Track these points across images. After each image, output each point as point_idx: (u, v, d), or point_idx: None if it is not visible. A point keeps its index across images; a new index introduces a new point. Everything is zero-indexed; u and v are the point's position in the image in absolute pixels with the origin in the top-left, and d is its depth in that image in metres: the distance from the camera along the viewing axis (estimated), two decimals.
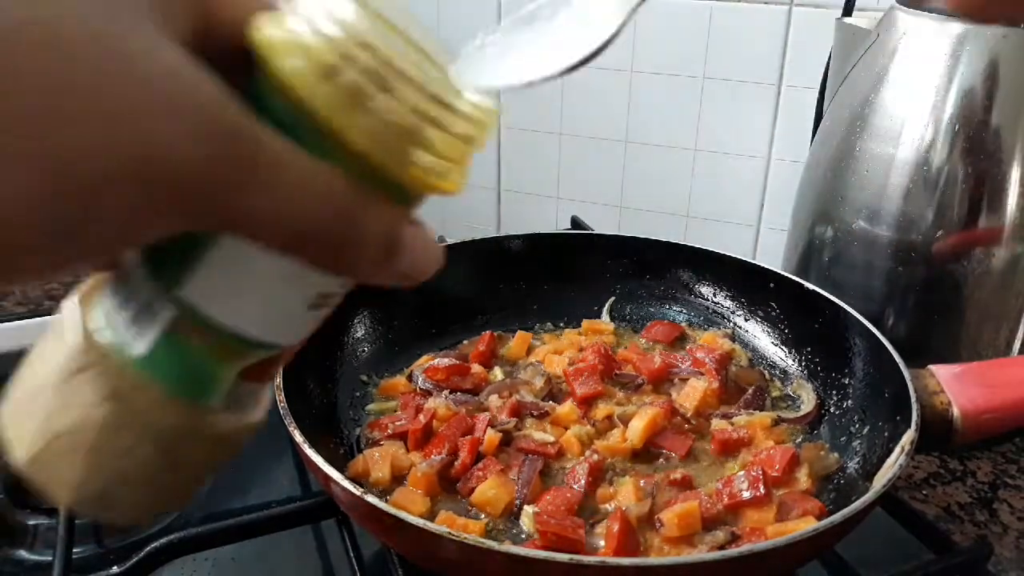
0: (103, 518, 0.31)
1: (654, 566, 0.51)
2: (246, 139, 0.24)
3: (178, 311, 0.28)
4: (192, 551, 0.61)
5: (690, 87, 1.16)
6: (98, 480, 0.29)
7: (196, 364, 0.29)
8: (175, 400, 0.29)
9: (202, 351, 0.29)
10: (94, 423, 0.28)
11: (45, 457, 0.29)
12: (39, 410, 0.29)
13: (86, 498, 0.30)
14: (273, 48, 0.26)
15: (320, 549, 0.66)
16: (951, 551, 0.62)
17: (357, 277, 0.29)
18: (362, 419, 0.74)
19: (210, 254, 0.27)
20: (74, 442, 0.28)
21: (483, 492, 0.63)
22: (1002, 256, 0.79)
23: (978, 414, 0.65)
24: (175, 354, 0.28)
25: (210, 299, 0.28)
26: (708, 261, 0.89)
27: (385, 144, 0.26)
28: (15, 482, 0.70)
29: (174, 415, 0.29)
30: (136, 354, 0.28)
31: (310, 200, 0.25)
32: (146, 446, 0.29)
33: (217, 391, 0.30)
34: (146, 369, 0.28)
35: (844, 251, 0.84)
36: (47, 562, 0.62)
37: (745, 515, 0.63)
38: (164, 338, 0.28)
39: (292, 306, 0.29)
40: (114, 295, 0.29)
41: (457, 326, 0.87)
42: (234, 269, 0.28)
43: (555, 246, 0.93)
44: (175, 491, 0.32)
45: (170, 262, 0.28)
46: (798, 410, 0.77)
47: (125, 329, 0.28)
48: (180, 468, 0.31)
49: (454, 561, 0.52)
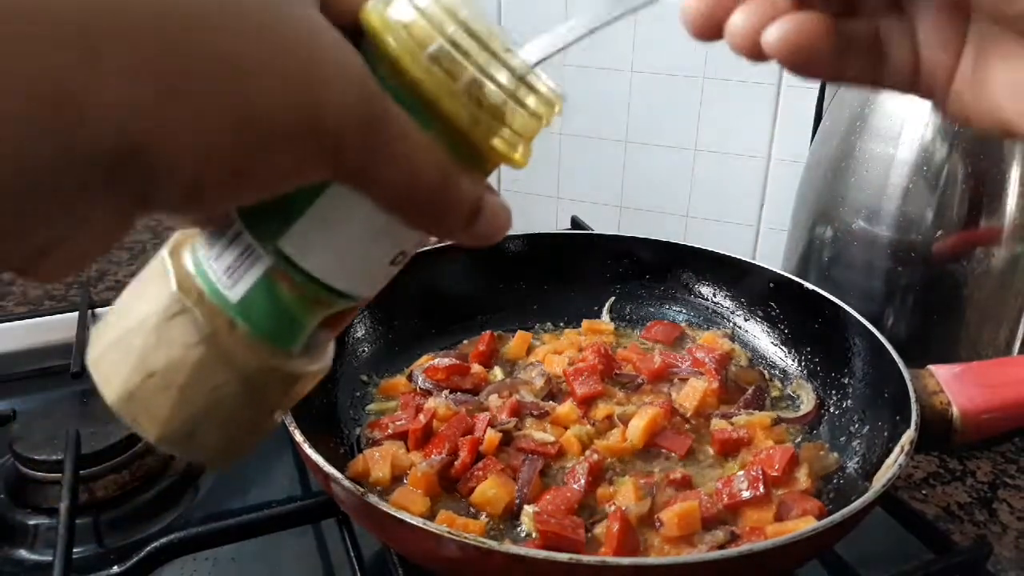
0: (187, 454, 0.33)
1: (654, 566, 0.51)
2: (384, 106, 0.28)
3: (274, 261, 0.31)
4: (192, 551, 0.61)
5: (690, 87, 1.16)
6: (187, 416, 0.32)
7: (286, 311, 0.32)
8: (263, 343, 0.32)
9: (292, 299, 0.31)
10: (188, 362, 0.31)
11: (139, 394, 0.31)
12: (134, 350, 0.31)
13: (174, 434, 0.32)
14: (384, 27, 0.29)
15: (320, 549, 0.66)
16: (951, 551, 0.62)
17: (443, 236, 0.32)
18: (362, 419, 0.74)
19: (312, 210, 0.30)
20: (167, 380, 0.31)
21: (483, 492, 0.63)
22: (1002, 256, 0.79)
23: (978, 414, 0.65)
24: (268, 301, 0.31)
25: (306, 251, 0.31)
26: (708, 261, 0.89)
27: (476, 117, 0.30)
28: (15, 482, 0.70)
29: (261, 357, 0.32)
30: (232, 299, 0.31)
31: (426, 165, 0.29)
32: (233, 385, 0.31)
33: (300, 337, 0.33)
34: (239, 314, 0.31)
35: (844, 251, 0.84)
36: (47, 562, 0.62)
37: (745, 515, 0.63)
38: (259, 286, 0.31)
39: (377, 261, 0.33)
40: (210, 246, 0.32)
41: (457, 326, 0.87)
42: (332, 225, 0.30)
43: (555, 246, 0.93)
44: (252, 431, 0.34)
45: (270, 216, 0.30)
46: (798, 410, 0.77)
47: (221, 276, 0.31)
48: (260, 407, 0.33)
49: (454, 561, 0.52)
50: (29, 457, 0.69)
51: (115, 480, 0.70)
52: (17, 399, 0.84)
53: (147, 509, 0.70)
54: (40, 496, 0.69)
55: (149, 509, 0.70)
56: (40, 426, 0.72)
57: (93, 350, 0.33)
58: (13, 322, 0.93)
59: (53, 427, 0.71)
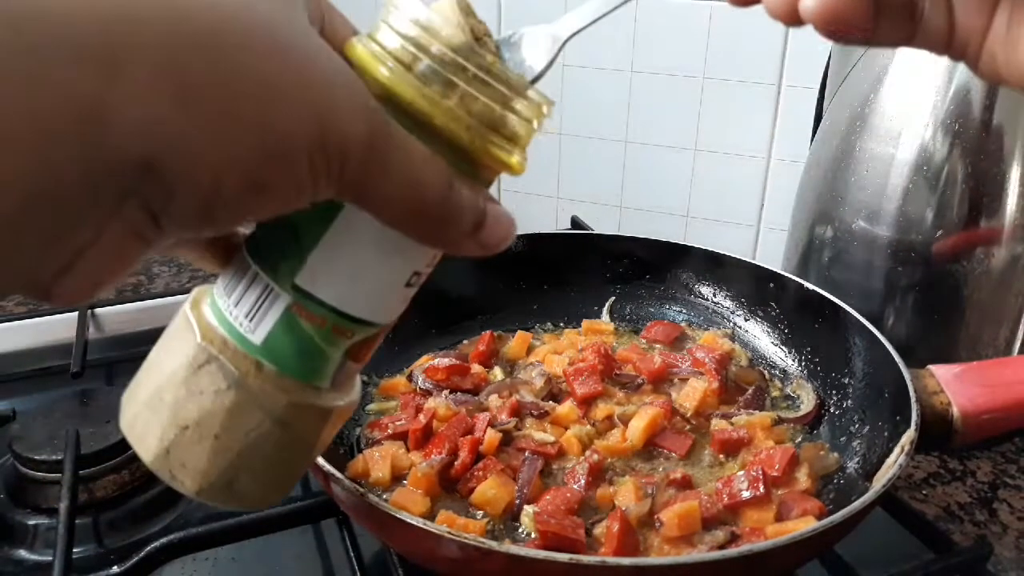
0: (229, 503, 0.34)
1: (654, 566, 0.51)
2: (386, 124, 0.29)
3: (293, 298, 0.32)
4: (192, 551, 0.61)
5: (690, 87, 1.16)
6: (225, 465, 0.32)
7: (309, 346, 0.32)
8: (291, 381, 0.32)
9: (315, 333, 0.32)
10: (220, 409, 0.32)
11: (175, 449, 0.32)
12: (165, 406, 0.32)
13: (214, 484, 0.33)
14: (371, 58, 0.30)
15: (320, 549, 0.66)
16: (951, 551, 0.62)
17: (449, 248, 0.32)
18: (362, 419, 0.74)
19: (323, 242, 0.31)
20: (202, 430, 0.32)
21: (483, 492, 0.63)
22: (1002, 256, 0.79)
23: (978, 414, 0.65)
24: (291, 338, 0.32)
25: (322, 283, 0.32)
26: (708, 261, 0.89)
27: (471, 129, 0.30)
28: (15, 482, 0.70)
29: (290, 394, 0.32)
30: (255, 341, 0.32)
31: (428, 177, 0.30)
32: (267, 426, 0.32)
33: (327, 371, 0.34)
34: (265, 355, 0.32)
35: (844, 251, 0.84)
36: (47, 562, 0.62)
37: (745, 515, 0.63)
38: (280, 324, 0.32)
39: (392, 284, 0.33)
40: (228, 294, 0.33)
41: (457, 326, 0.87)
42: (345, 254, 0.31)
43: (555, 246, 0.93)
44: (291, 471, 0.35)
45: (284, 254, 0.32)
46: (798, 410, 0.77)
47: (243, 321, 0.32)
48: (295, 446, 0.34)
49: (454, 561, 0.52)
50: (29, 457, 0.69)
51: (115, 480, 0.70)
52: (17, 399, 0.84)
53: (147, 509, 0.70)
54: (40, 496, 0.69)
55: (149, 509, 0.70)
56: (40, 426, 0.72)
57: (126, 414, 0.34)
58: (13, 322, 0.93)
59: (53, 427, 0.71)
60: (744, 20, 1.09)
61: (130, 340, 0.93)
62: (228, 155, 0.25)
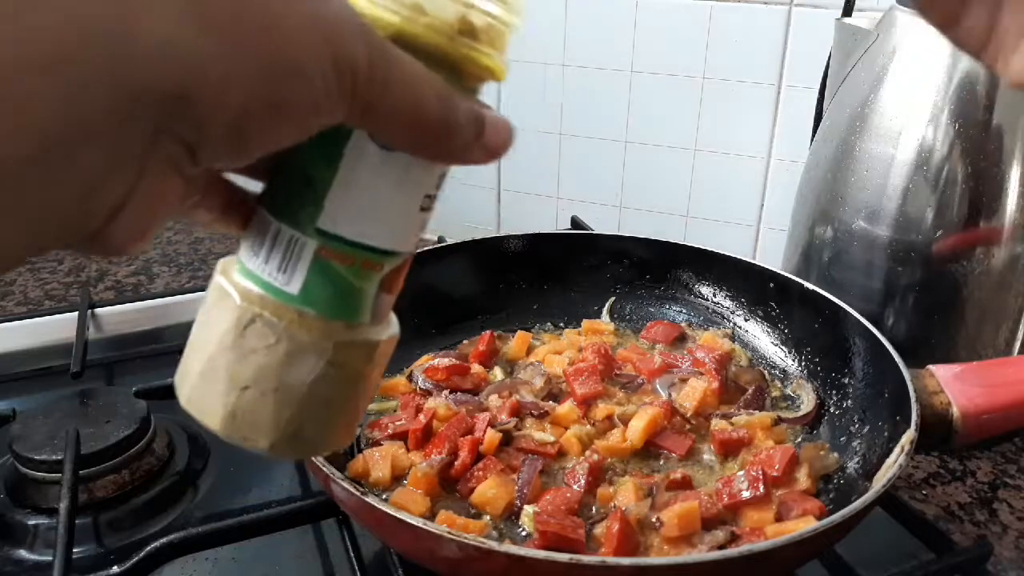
0: (301, 453, 0.35)
1: (654, 566, 0.51)
2: (383, 43, 0.30)
3: (319, 242, 0.33)
4: (192, 551, 0.61)
5: (690, 87, 1.16)
6: (290, 415, 0.34)
7: (344, 285, 0.34)
8: (334, 322, 0.34)
9: (347, 272, 0.34)
10: (274, 362, 0.33)
11: (239, 411, 0.33)
12: (220, 372, 0.33)
13: (284, 436, 0.34)
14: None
15: (320, 549, 0.66)
16: (951, 551, 0.62)
17: (458, 158, 0.34)
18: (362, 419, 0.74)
19: (336, 182, 0.32)
20: (261, 387, 0.33)
21: (483, 492, 0.63)
22: (1002, 256, 0.79)
23: (978, 414, 0.65)
24: (326, 281, 0.33)
25: (344, 222, 0.33)
26: (708, 261, 0.89)
27: (453, 40, 0.32)
28: (15, 482, 0.70)
29: (337, 335, 0.34)
30: (293, 292, 0.33)
31: (426, 89, 0.31)
32: (321, 368, 0.34)
33: (365, 307, 0.35)
34: (304, 302, 0.33)
35: (844, 251, 0.84)
36: (47, 562, 0.62)
37: (745, 515, 0.63)
38: (313, 270, 0.33)
39: (409, 210, 0.35)
40: (255, 254, 0.34)
41: (457, 326, 0.87)
42: (359, 189, 0.33)
43: (555, 246, 0.93)
44: (353, 409, 0.37)
45: (302, 203, 0.33)
46: (798, 410, 0.77)
47: (277, 275, 0.33)
48: (351, 384, 0.36)
49: (454, 561, 0.52)
50: (29, 457, 0.69)
51: (115, 480, 0.70)
52: (17, 399, 0.84)
53: (147, 509, 0.70)
54: (40, 496, 0.69)
55: (149, 509, 0.70)
56: (40, 426, 0.72)
57: (183, 391, 0.35)
58: (13, 322, 0.93)
59: (53, 427, 0.71)
60: (744, 20, 1.09)
61: (130, 340, 0.94)
62: (252, 77, 0.26)
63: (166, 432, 0.76)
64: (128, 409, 0.74)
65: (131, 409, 0.74)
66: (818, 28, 1.01)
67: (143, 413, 0.74)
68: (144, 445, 0.73)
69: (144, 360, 0.92)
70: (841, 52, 0.88)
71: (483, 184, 1.33)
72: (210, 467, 0.75)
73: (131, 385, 0.79)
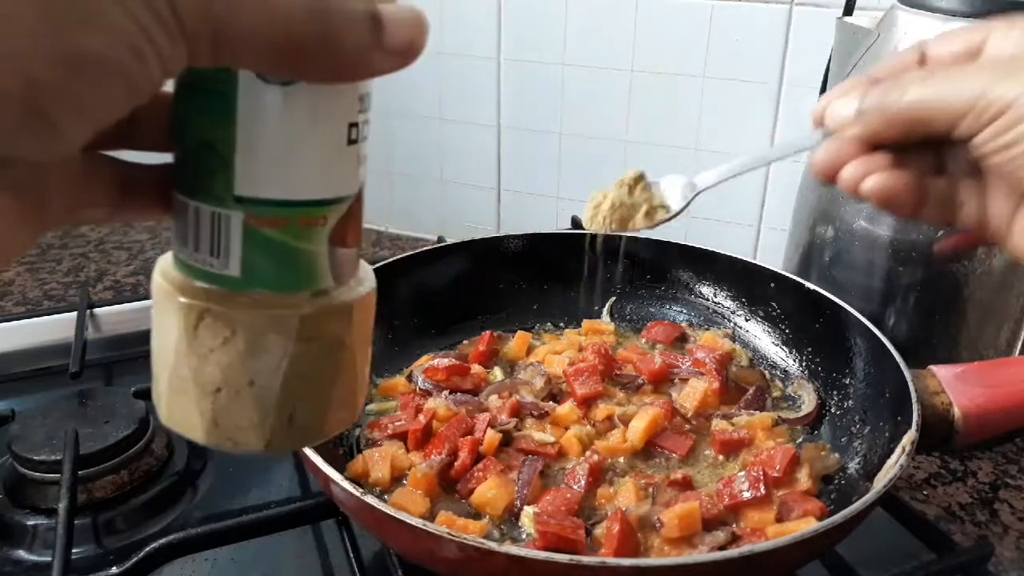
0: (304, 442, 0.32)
1: (654, 566, 0.51)
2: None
3: (243, 212, 0.29)
4: (191, 552, 0.61)
5: (690, 87, 1.15)
6: (274, 407, 0.30)
7: (288, 252, 0.30)
8: (290, 295, 0.30)
9: (284, 236, 0.29)
10: (238, 358, 0.29)
11: (220, 417, 0.30)
12: (187, 381, 0.30)
13: (275, 431, 0.30)
14: None
15: (320, 549, 0.66)
16: (952, 551, 0.62)
17: (359, 71, 0.28)
18: (362, 419, 0.74)
19: (238, 140, 0.28)
20: (233, 387, 0.30)
21: (483, 493, 0.63)
22: (1002, 256, 0.79)
23: (979, 414, 0.65)
24: (264, 254, 0.29)
25: (263, 182, 0.29)
26: (708, 261, 0.89)
27: None
28: (14, 482, 0.70)
29: (297, 308, 0.30)
30: (234, 274, 0.29)
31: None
32: (292, 348, 0.30)
33: (319, 269, 0.31)
34: (249, 283, 0.29)
35: (845, 251, 0.84)
36: (46, 562, 0.61)
37: (746, 515, 0.63)
38: (247, 245, 0.29)
39: (334, 149, 0.30)
40: (184, 244, 0.30)
41: (457, 326, 0.87)
42: (267, 141, 0.28)
43: (555, 246, 0.93)
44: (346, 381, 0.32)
45: (210, 175, 0.29)
46: (799, 410, 0.77)
47: (211, 260, 0.29)
48: (335, 356, 0.32)
49: (454, 561, 0.52)
50: (28, 457, 0.69)
51: (114, 480, 0.70)
52: (16, 399, 0.84)
53: (146, 509, 0.70)
54: (39, 496, 0.69)
55: (148, 509, 0.70)
56: (39, 426, 0.72)
57: (160, 410, 0.32)
58: (12, 322, 0.93)
59: (52, 427, 0.71)
60: (744, 20, 1.09)
61: (129, 340, 0.93)
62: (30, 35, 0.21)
63: (165, 432, 0.76)
64: (127, 409, 0.74)
65: (130, 409, 0.74)
66: (819, 27, 1.01)
67: (142, 413, 0.74)
68: (143, 445, 0.72)
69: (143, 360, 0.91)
70: (842, 51, 0.88)
71: (483, 184, 1.33)
72: (209, 467, 0.75)
73: (130, 385, 0.79)
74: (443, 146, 1.32)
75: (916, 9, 0.78)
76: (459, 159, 1.32)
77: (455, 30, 1.24)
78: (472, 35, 1.23)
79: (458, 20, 1.23)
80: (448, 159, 1.33)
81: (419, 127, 1.32)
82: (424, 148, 1.33)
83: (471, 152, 1.31)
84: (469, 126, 1.29)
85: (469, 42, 1.24)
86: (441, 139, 1.32)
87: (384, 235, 1.38)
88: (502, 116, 1.26)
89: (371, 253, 1.28)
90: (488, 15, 1.21)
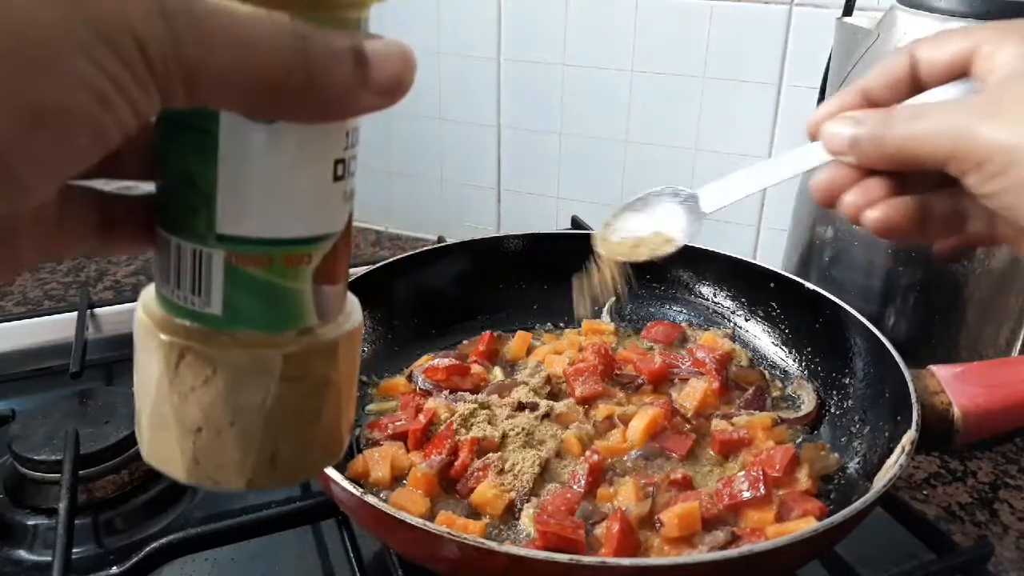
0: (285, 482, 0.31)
1: (654, 566, 0.51)
2: None
3: (225, 251, 0.28)
4: (191, 551, 0.61)
5: (690, 87, 1.15)
6: (256, 445, 0.30)
7: (271, 290, 0.29)
8: (273, 334, 0.29)
9: (267, 275, 0.29)
10: (218, 397, 0.29)
11: (202, 456, 0.30)
12: (168, 419, 0.30)
13: (259, 467, 0.30)
14: None
15: (320, 549, 0.66)
16: (951, 551, 0.62)
17: (347, 109, 0.27)
18: (362, 419, 0.74)
19: (221, 177, 0.27)
20: (215, 426, 0.29)
21: (483, 492, 0.63)
22: (1002, 256, 0.79)
23: (979, 414, 0.65)
24: (246, 292, 0.29)
25: (246, 220, 0.28)
26: (708, 261, 0.89)
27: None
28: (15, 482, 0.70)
29: (280, 348, 0.29)
30: (215, 312, 0.29)
31: (262, 32, 0.24)
32: (275, 388, 0.29)
33: (303, 308, 0.30)
34: (231, 322, 0.29)
35: (844, 251, 0.84)
36: (46, 562, 0.61)
37: (745, 515, 0.63)
38: (229, 283, 0.28)
39: (320, 186, 0.29)
40: (166, 280, 0.29)
41: (457, 326, 0.87)
42: (249, 179, 0.28)
43: (555, 246, 0.93)
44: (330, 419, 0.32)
45: (192, 212, 0.28)
46: (798, 410, 0.77)
47: (193, 299, 0.29)
48: (318, 395, 0.31)
49: (454, 561, 0.52)
50: (28, 457, 0.69)
51: (114, 480, 0.70)
52: (16, 399, 0.84)
53: (146, 509, 0.70)
54: (39, 496, 0.69)
55: (148, 509, 0.70)
56: (39, 426, 0.72)
57: (143, 447, 0.31)
58: (12, 322, 0.93)
59: (52, 427, 0.71)
60: (744, 20, 1.09)
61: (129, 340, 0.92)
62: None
63: None
64: (127, 409, 0.74)
65: (130, 409, 0.74)
66: (819, 27, 1.01)
67: None
68: None
69: None
70: (842, 52, 0.88)
71: (483, 184, 1.33)
72: None
73: (130, 385, 0.78)
74: (443, 146, 1.32)
75: (915, 9, 0.78)
76: (459, 159, 1.32)
77: (455, 30, 1.24)
78: (472, 35, 1.23)
79: (458, 20, 1.23)
80: (448, 159, 1.33)
81: (419, 127, 1.32)
82: (424, 148, 1.33)
83: (471, 152, 1.31)
84: (469, 126, 1.29)
85: (469, 42, 1.24)
86: (441, 139, 1.32)
87: (384, 235, 1.38)
88: (502, 116, 1.26)
89: (371, 253, 1.28)
90: (488, 15, 1.21)
